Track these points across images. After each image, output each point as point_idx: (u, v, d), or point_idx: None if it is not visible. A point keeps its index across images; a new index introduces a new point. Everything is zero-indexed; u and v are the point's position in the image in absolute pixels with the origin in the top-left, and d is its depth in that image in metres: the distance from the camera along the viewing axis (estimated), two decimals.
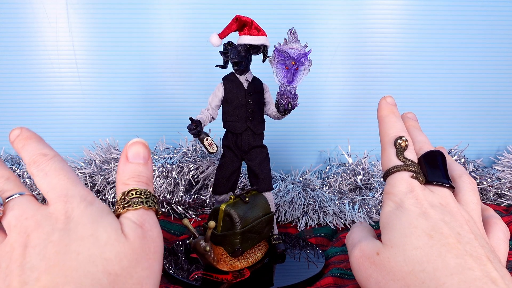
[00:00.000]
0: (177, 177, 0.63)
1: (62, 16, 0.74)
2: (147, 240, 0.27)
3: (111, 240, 0.25)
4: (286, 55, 0.42)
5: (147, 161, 0.31)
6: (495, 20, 0.77)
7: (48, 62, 0.75)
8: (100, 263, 0.24)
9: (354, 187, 0.69)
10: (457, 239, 0.28)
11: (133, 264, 0.26)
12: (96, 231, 0.26)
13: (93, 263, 0.24)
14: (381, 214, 0.32)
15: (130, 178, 0.29)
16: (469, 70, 0.79)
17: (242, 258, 0.45)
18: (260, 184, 0.49)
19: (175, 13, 0.74)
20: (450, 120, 0.80)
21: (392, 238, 0.30)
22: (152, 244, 0.28)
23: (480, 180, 0.69)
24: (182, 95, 0.77)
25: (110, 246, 0.25)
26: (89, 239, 0.25)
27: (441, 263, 0.27)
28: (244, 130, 0.48)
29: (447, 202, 0.31)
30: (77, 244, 0.25)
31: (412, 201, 0.31)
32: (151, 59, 0.76)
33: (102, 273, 0.24)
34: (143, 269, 0.26)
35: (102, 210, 0.27)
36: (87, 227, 0.26)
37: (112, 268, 0.24)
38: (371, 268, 0.30)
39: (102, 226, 0.26)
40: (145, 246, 0.27)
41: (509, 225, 0.56)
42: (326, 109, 0.79)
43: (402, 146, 0.34)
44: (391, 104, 0.37)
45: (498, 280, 0.26)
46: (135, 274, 0.25)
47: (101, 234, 0.26)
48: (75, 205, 0.27)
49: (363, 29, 0.76)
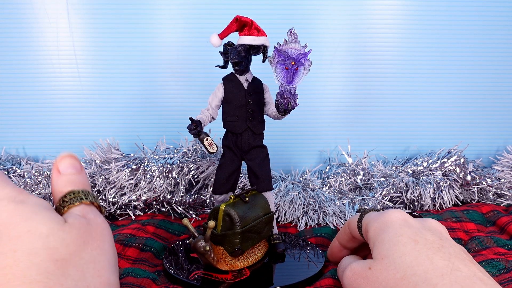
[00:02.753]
0: (177, 177, 0.63)
1: (62, 16, 0.74)
2: (91, 226, 0.28)
3: (54, 230, 0.25)
4: (286, 55, 0.42)
5: (80, 171, 0.31)
6: (495, 20, 0.77)
7: (48, 62, 0.75)
8: (44, 253, 0.24)
9: (354, 187, 0.69)
10: (440, 244, 0.30)
11: (81, 247, 0.26)
12: (34, 227, 0.25)
13: (35, 255, 0.24)
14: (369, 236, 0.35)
15: (66, 185, 0.30)
16: (469, 70, 0.79)
17: (242, 258, 0.45)
18: (260, 184, 0.49)
19: (176, 13, 0.74)
20: (450, 120, 0.80)
21: (382, 251, 0.31)
22: (98, 227, 0.28)
23: (479, 180, 0.69)
24: (182, 95, 0.77)
25: (54, 236, 0.25)
26: (26, 236, 0.25)
27: (430, 265, 0.28)
28: (244, 130, 0.48)
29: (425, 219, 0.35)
30: (12, 243, 0.24)
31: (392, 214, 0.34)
32: (151, 59, 0.76)
33: (47, 261, 0.24)
34: (92, 249, 0.27)
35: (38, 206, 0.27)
36: (21, 225, 0.25)
37: (58, 255, 0.25)
38: (364, 283, 0.32)
39: (39, 220, 0.26)
40: (91, 230, 0.28)
41: (508, 225, 0.56)
42: (326, 109, 0.79)
43: None
44: None
45: (485, 279, 0.27)
46: (85, 255, 0.26)
47: (41, 227, 0.25)
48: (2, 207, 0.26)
49: (363, 29, 0.76)
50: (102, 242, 0.28)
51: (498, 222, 0.58)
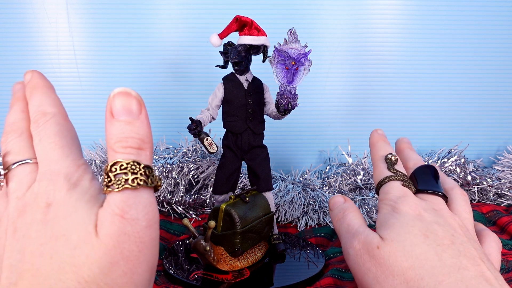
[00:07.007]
0: (177, 177, 0.63)
1: (62, 16, 0.74)
2: (128, 237, 0.22)
3: (80, 241, 0.22)
4: (286, 55, 0.42)
5: (137, 116, 0.24)
6: (495, 20, 0.77)
7: (48, 62, 0.75)
8: (70, 270, 0.21)
9: (354, 187, 0.69)
10: (451, 240, 0.29)
11: (106, 270, 0.21)
12: (68, 230, 0.22)
13: (63, 270, 0.21)
14: (378, 217, 0.33)
15: (117, 142, 0.24)
16: (469, 70, 0.79)
17: (242, 258, 0.45)
18: (260, 184, 0.49)
19: (176, 13, 0.74)
20: (450, 120, 0.80)
21: (391, 233, 0.30)
22: (135, 240, 0.22)
23: (480, 180, 0.69)
24: (182, 95, 0.77)
25: (79, 250, 0.21)
26: (61, 240, 0.22)
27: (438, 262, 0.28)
28: (244, 130, 0.48)
29: (440, 208, 0.32)
30: (51, 245, 0.22)
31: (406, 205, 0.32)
32: (151, 59, 0.76)
33: (71, 281, 0.21)
34: (120, 276, 0.22)
35: (82, 196, 0.23)
36: (62, 223, 0.22)
37: (81, 275, 0.21)
38: (370, 262, 0.30)
39: (74, 222, 0.22)
40: (124, 245, 0.22)
41: (509, 225, 0.56)
42: (326, 109, 0.79)
43: (392, 160, 0.36)
44: (381, 135, 0.40)
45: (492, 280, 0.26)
46: (109, 281, 0.21)
47: (72, 233, 0.22)
48: (58, 186, 0.23)
49: (363, 29, 0.76)
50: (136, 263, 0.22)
51: (498, 222, 0.58)
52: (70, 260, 0.21)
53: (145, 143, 0.24)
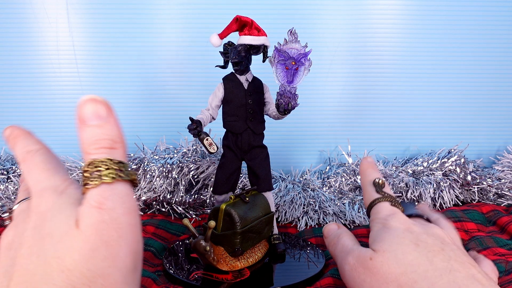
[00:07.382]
0: (177, 177, 0.63)
1: (62, 16, 0.74)
2: (106, 224, 0.23)
3: (63, 235, 0.23)
4: (286, 55, 0.42)
5: (106, 119, 0.26)
6: (495, 20, 0.77)
7: (48, 62, 0.75)
8: (54, 262, 0.22)
9: (354, 187, 0.69)
10: (441, 247, 0.31)
11: (87, 256, 0.22)
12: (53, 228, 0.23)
13: (48, 264, 0.22)
14: (370, 235, 0.35)
15: (90, 145, 0.25)
16: (469, 70, 0.79)
17: (242, 258, 0.45)
18: (260, 184, 0.49)
19: (176, 13, 0.74)
20: (450, 120, 0.80)
21: (384, 245, 0.32)
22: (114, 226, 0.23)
23: (480, 180, 0.69)
24: (182, 95, 0.77)
25: (62, 243, 0.23)
26: (46, 239, 0.23)
27: (429, 266, 0.29)
28: (244, 130, 0.48)
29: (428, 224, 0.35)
30: (38, 245, 0.23)
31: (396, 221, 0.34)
32: (151, 59, 0.76)
33: (56, 271, 0.22)
34: (101, 260, 0.22)
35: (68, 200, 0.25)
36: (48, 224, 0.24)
37: (64, 265, 0.22)
38: (364, 273, 0.32)
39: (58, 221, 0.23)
40: (103, 232, 0.23)
41: (509, 225, 0.56)
42: (326, 109, 0.79)
43: (379, 184, 0.38)
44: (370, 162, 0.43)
45: (483, 280, 0.28)
46: (91, 267, 0.22)
47: (56, 230, 0.23)
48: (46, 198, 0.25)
49: (363, 29, 0.76)
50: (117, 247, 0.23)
51: (498, 222, 0.58)
52: (54, 253, 0.22)
53: (117, 143, 0.26)
